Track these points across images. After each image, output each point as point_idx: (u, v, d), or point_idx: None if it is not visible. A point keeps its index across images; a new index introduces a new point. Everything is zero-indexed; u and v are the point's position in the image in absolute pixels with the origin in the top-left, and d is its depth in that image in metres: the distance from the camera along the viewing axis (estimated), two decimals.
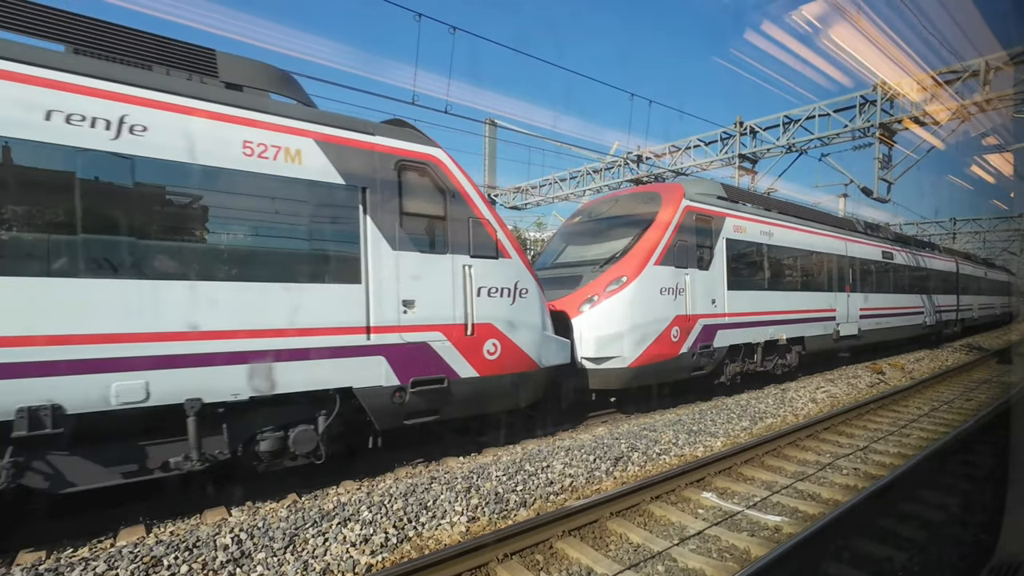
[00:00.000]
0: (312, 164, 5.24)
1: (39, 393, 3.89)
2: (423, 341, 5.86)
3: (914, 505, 5.07)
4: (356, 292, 5.44)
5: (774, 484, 5.78)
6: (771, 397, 10.07)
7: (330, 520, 4.47)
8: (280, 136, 5.08)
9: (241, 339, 4.72)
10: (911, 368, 14.46)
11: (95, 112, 4.21)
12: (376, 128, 5.86)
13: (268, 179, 4.97)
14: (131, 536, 4.37)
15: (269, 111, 5.11)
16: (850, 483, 5.78)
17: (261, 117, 5.02)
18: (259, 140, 4.95)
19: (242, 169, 4.84)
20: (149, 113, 4.45)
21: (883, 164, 15.05)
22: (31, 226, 4.01)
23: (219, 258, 4.78)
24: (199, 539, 4.10)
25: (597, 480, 5.79)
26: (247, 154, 4.87)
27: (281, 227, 5.14)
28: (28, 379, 3.85)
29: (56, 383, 3.95)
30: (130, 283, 4.27)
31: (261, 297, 4.87)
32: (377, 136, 5.77)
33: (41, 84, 4.03)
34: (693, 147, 20.28)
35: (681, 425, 7.83)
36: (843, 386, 11.44)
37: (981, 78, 13.11)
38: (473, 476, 5.50)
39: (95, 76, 4.28)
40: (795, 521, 4.81)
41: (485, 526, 4.68)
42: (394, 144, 5.86)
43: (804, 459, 6.68)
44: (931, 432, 7.84)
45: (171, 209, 4.73)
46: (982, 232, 37.65)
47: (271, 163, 5.00)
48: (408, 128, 6.25)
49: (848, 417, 8.64)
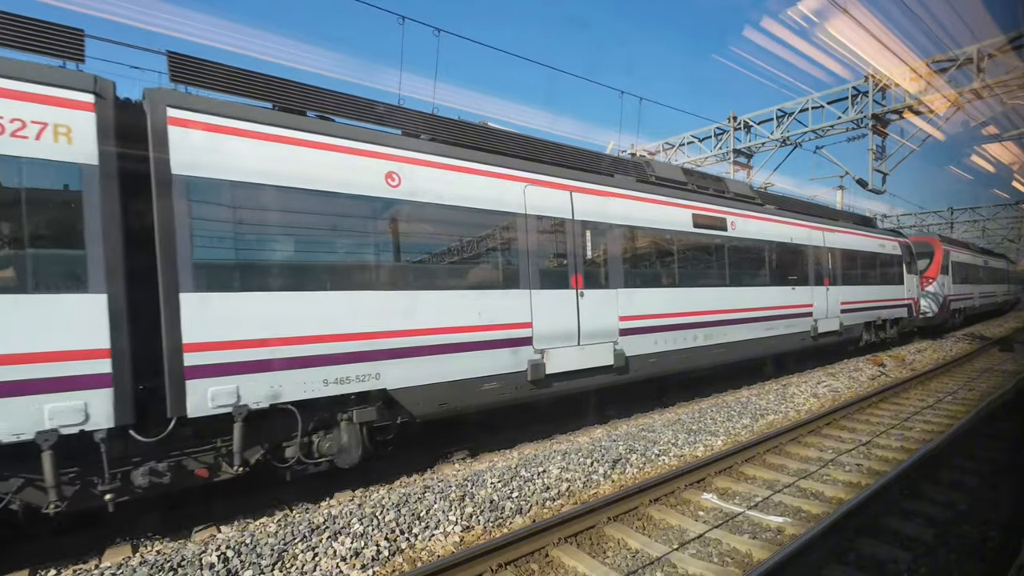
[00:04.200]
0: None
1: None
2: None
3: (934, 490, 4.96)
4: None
5: (776, 483, 5.67)
6: (772, 393, 9.95)
7: (320, 534, 4.35)
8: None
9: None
10: (912, 360, 14.35)
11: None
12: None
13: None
14: (116, 556, 4.26)
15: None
16: (853, 480, 5.66)
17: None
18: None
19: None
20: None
21: (877, 155, 14.96)
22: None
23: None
24: (184, 558, 3.98)
25: (595, 484, 5.68)
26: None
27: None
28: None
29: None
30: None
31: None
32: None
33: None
34: (687, 143, 20.22)
35: (680, 425, 7.72)
36: (844, 380, 11.32)
37: (975, 65, 13.03)
38: (468, 484, 5.38)
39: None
40: (798, 521, 4.69)
41: (480, 535, 4.57)
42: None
43: (807, 456, 6.56)
44: (935, 424, 7.73)
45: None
46: (981, 221, 37.52)
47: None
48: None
49: (850, 411, 8.52)
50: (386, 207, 5.76)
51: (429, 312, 5.92)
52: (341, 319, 5.26)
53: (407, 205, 5.89)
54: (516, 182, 6.89)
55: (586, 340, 7.39)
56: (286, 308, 4.96)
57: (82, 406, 4.00)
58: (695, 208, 9.35)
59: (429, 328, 5.90)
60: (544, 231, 7.08)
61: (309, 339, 5.04)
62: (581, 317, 7.35)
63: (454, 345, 6.09)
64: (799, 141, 17.42)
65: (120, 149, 4.24)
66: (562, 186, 7.38)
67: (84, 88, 4.12)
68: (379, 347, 5.48)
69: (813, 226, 12.62)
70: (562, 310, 7.18)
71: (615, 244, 7.94)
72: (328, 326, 5.17)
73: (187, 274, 4.47)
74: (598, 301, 7.59)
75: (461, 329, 6.16)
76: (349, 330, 5.29)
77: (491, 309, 6.44)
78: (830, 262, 12.93)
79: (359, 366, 5.35)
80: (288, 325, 4.94)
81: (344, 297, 5.32)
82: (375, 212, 5.67)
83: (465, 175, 6.41)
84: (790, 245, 11.64)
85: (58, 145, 3.97)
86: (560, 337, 7.12)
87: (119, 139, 4.24)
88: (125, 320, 4.17)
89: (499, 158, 6.89)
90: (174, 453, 4.56)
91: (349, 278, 5.40)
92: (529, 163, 7.27)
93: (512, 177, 6.88)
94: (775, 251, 11.21)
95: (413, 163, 5.98)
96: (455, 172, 6.34)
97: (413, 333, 5.77)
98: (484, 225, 6.60)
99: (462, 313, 6.20)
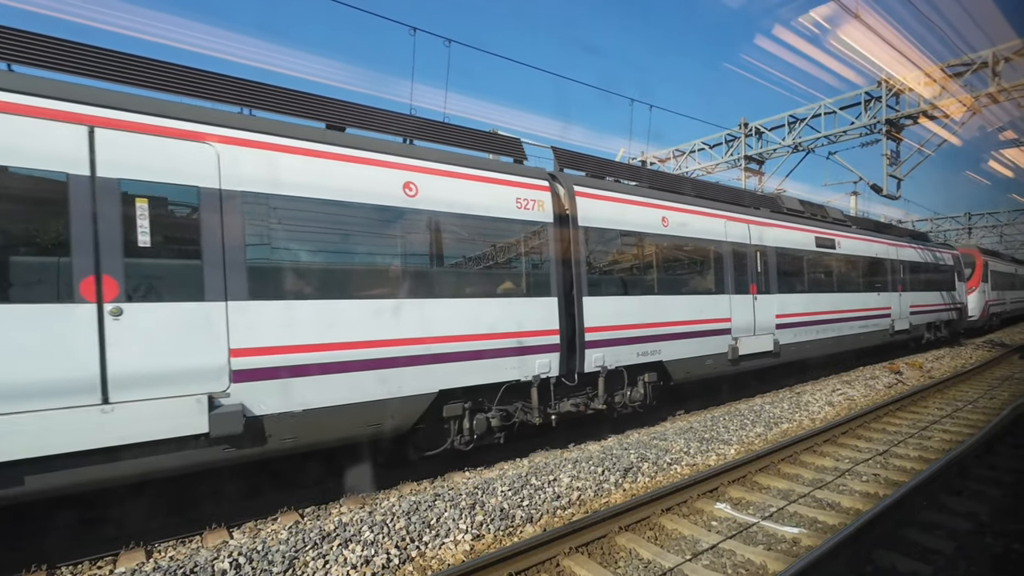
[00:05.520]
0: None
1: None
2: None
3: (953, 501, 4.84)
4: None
5: (791, 493, 5.58)
6: (786, 401, 9.81)
7: (331, 541, 4.36)
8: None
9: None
10: (929, 367, 14.07)
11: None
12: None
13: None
14: (130, 561, 4.29)
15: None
16: (871, 490, 5.55)
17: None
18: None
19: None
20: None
21: (891, 160, 14.78)
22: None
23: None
24: (197, 564, 4.00)
25: (606, 493, 5.63)
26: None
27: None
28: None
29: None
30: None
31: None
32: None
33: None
34: (697, 151, 20.15)
35: (692, 433, 7.64)
36: (860, 388, 11.14)
37: (990, 69, 12.85)
38: (478, 492, 5.36)
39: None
40: (814, 532, 4.61)
41: (490, 543, 4.54)
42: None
43: (822, 465, 6.45)
44: (954, 434, 7.56)
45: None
46: (999, 226, 36.86)
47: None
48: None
49: (866, 420, 8.37)
50: (716, 244, 9.40)
51: (682, 309, 8.60)
52: (646, 314, 7.96)
53: (704, 241, 9.11)
54: (719, 219, 9.60)
55: (759, 331, 10.01)
56: (628, 307, 7.80)
57: (548, 362, 6.77)
58: (817, 232, 12.05)
59: (683, 320, 8.55)
60: (736, 253, 9.77)
61: (633, 326, 7.75)
62: (756, 314, 9.98)
63: (696, 332, 8.75)
64: (811, 147, 17.28)
65: (558, 212, 7.06)
66: (745, 219, 10.14)
67: (545, 179, 7.06)
68: (660, 333, 8.15)
69: (888, 242, 15.12)
70: (745, 309, 9.75)
71: (772, 260, 10.54)
72: (640, 318, 7.87)
73: (584, 285, 7.18)
74: (764, 303, 10.23)
75: (697, 322, 8.80)
76: (644, 320, 7.93)
77: (707, 308, 9.07)
78: (901, 272, 15.44)
79: (650, 345, 8.01)
80: (627, 317, 7.70)
81: (645, 300, 8.09)
82: (678, 244, 8.84)
83: (727, 222, 9.64)
84: (874, 259, 14.21)
85: (541, 211, 6.82)
86: (745, 329, 9.71)
87: (556, 205, 7.06)
88: (563, 314, 6.89)
89: (709, 202, 9.68)
90: (575, 394, 7.28)
91: (652, 286, 8.25)
92: (725, 205, 9.99)
93: (716, 215, 9.58)
94: (865, 264, 13.79)
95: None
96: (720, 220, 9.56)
97: (677, 324, 8.45)
98: (714, 251, 9.42)
99: (696, 311, 8.81)
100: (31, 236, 4.03)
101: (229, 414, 4.43)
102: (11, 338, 3.73)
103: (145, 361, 4.18)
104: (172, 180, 4.41)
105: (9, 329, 3.73)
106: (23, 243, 3.99)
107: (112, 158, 4.16)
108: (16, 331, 3.75)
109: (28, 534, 4.54)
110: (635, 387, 7.96)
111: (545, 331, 6.69)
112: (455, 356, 5.87)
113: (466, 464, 6.57)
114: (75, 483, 4.00)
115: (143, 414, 4.15)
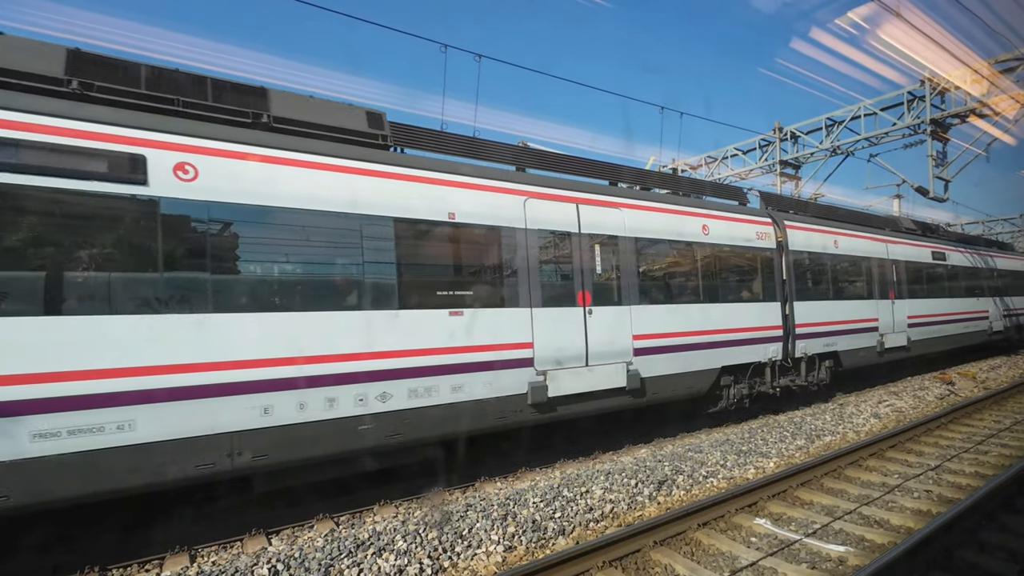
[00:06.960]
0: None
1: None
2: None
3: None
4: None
5: (835, 509, 5.35)
6: (828, 413, 9.44)
7: (365, 550, 4.41)
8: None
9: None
10: (984, 377, 13.31)
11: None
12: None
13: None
14: (175, 565, 4.45)
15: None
16: (923, 507, 5.27)
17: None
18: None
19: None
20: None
21: (938, 162, 14.16)
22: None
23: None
24: (237, 569, 4.12)
25: (640, 506, 5.52)
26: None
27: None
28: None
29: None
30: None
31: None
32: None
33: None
34: (731, 156, 19.76)
35: (729, 445, 7.42)
36: (909, 399, 10.62)
37: None
38: (510, 503, 5.34)
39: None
40: (861, 551, 4.40)
41: (522, 555, 4.51)
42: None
43: (868, 480, 6.17)
44: (1014, 448, 7.12)
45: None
46: None
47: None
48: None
49: (916, 433, 7.96)
50: (867, 259, 12.01)
51: (849, 311, 11.01)
52: (828, 314, 10.39)
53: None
54: (868, 240, 12.10)
55: (896, 330, 12.24)
56: (817, 309, 10.22)
57: (777, 349, 9.31)
58: (931, 247, 14.54)
59: (850, 319, 10.96)
60: (880, 266, 12.16)
61: (821, 324, 10.18)
62: (895, 316, 12.26)
63: (858, 329, 11.14)
64: (851, 150, 16.71)
65: (778, 240, 9.66)
66: (883, 239, 12.56)
67: (770, 217, 9.84)
68: (836, 329, 10.53)
69: (984, 253, 17.79)
70: (887, 311, 12.06)
71: (903, 271, 12.88)
72: (824, 318, 10.26)
73: (793, 292, 9.72)
74: (900, 307, 12.47)
75: (858, 321, 11.20)
76: (827, 319, 10.34)
77: (865, 311, 11.51)
78: (995, 279, 17.91)
79: (830, 339, 10.38)
80: (817, 316, 10.11)
81: (827, 304, 10.54)
82: (845, 260, 11.47)
83: (858, 240, 11.78)
84: (974, 268, 16.63)
85: (769, 240, 9.50)
86: (887, 327, 11.99)
87: (777, 236, 9.68)
88: (785, 313, 9.50)
89: (857, 227, 12.12)
90: (787, 374, 9.69)
91: (829, 293, 10.80)
92: (867, 228, 12.44)
93: (866, 237, 12.06)
94: (966, 273, 16.11)
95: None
96: (847, 238, 11.52)
97: (847, 323, 10.83)
98: (866, 265, 11.92)
99: (857, 312, 11.29)
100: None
101: (633, 375, 7.24)
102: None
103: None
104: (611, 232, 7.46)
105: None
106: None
107: (585, 219, 7.17)
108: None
109: (85, 535, 4.75)
110: (819, 371, 10.21)
111: (774, 327, 9.27)
112: (730, 343, 8.58)
113: (494, 474, 6.57)
114: (601, 408, 7.16)
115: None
